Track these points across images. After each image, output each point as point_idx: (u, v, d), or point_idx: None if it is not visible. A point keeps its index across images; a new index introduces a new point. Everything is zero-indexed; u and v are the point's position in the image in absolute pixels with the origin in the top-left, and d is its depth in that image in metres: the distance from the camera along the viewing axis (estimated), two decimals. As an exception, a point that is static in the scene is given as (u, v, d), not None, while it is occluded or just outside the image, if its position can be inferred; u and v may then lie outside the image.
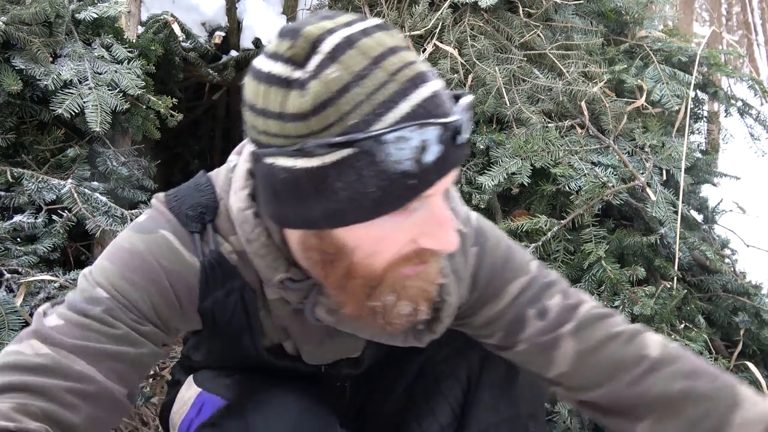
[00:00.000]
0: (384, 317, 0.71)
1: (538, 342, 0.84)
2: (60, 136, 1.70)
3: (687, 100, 1.90)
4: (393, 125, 0.59)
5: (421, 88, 0.62)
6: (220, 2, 2.36)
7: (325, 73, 0.60)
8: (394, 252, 0.67)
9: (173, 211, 0.79)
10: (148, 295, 0.74)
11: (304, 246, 0.71)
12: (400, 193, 0.61)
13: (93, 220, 1.56)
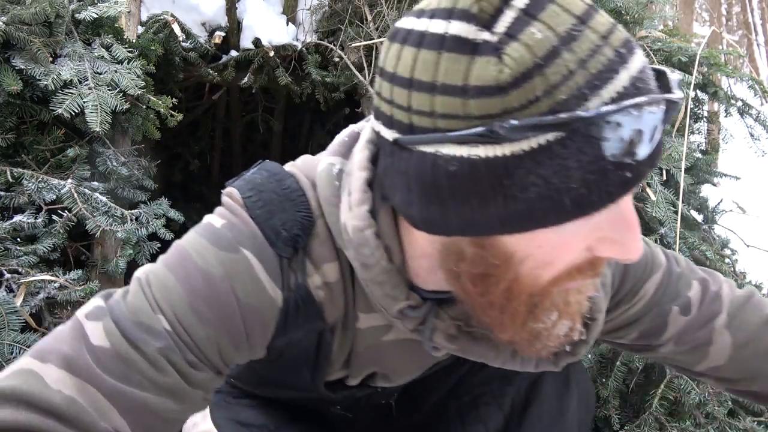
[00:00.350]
0: (539, 340, 0.59)
1: (690, 339, 0.77)
2: (60, 136, 1.70)
3: (687, 100, 1.90)
4: (612, 101, 0.46)
5: (634, 56, 0.48)
6: (220, 2, 2.36)
7: (528, 33, 0.46)
8: (568, 262, 0.53)
9: (259, 223, 0.63)
10: (216, 335, 0.61)
11: (451, 258, 0.57)
12: (610, 190, 0.47)
13: (93, 220, 1.56)
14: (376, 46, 2.15)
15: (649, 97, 0.46)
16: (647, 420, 1.46)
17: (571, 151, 0.46)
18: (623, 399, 1.58)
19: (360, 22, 2.25)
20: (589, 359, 1.58)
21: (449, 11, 0.48)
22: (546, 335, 0.58)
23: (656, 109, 0.47)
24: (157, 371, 0.57)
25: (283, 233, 0.63)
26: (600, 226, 0.51)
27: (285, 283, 0.63)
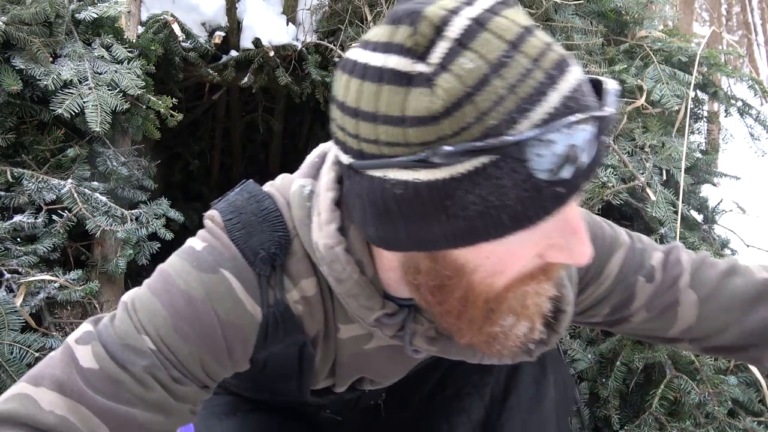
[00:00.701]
0: (497, 341, 0.63)
1: (659, 303, 0.81)
2: (60, 136, 1.70)
3: (687, 100, 1.90)
4: (543, 122, 0.48)
5: (567, 75, 0.51)
6: (220, 2, 2.36)
7: (459, 63, 0.48)
8: (518, 269, 0.57)
9: (238, 244, 0.67)
10: (198, 351, 0.64)
11: (410, 271, 0.61)
12: (545, 205, 0.50)
13: (93, 220, 1.56)
14: (376, 46, 2.16)
15: (577, 116, 0.48)
16: (647, 420, 1.46)
17: (505, 171, 0.49)
18: (623, 399, 1.58)
19: (360, 22, 2.25)
20: (589, 359, 1.58)
21: (388, 45, 0.51)
22: (504, 337, 0.62)
23: (588, 126, 0.49)
24: (144, 388, 0.61)
25: (261, 253, 0.66)
26: (548, 234, 0.54)
27: (264, 299, 0.67)
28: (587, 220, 0.81)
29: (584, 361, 1.58)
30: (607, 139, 0.53)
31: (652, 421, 1.45)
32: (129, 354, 0.62)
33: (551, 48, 0.52)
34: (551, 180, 0.49)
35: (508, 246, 0.54)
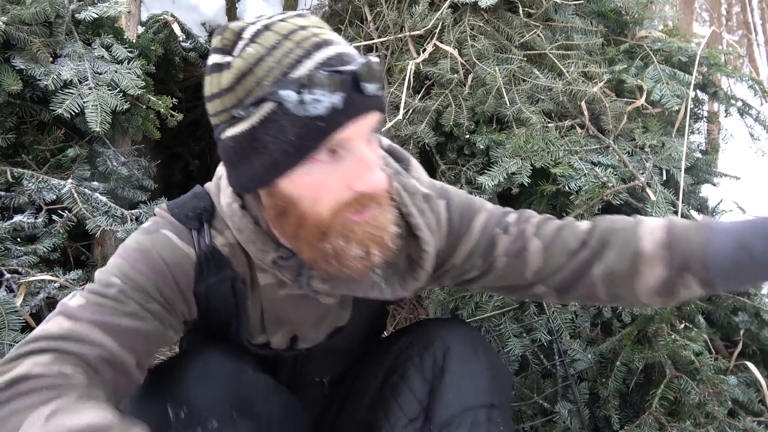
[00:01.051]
0: (337, 260, 0.81)
1: (511, 250, 0.99)
2: (60, 136, 1.70)
3: (687, 100, 1.90)
4: (300, 79, 0.73)
5: (325, 49, 0.76)
6: (220, 2, 2.36)
7: (246, 51, 0.76)
8: (334, 198, 0.78)
9: (174, 214, 0.92)
10: (153, 281, 0.85)
11: (260, 207, 0.85)
12: (314, 135, 0.74)
13: (93, 220, 1.56)
14: (376, 46, 2.16)
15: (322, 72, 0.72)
16: (647, 420, 1.46)
17: (280, 116, 0.74)
18: (623, 399, 1.58)
19: (360, 22, 2.25)
20: (589, 359, 1.58)
21: (213, 49, 0.80)
22: (337, 256, 0.80)
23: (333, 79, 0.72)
24: (120, 304, 0.82)
25: (190, 214, 0.92)
26: (347, 168, 0.77)
27: (196, 245, 0.90)
28: (462, 194, 1.05)
29: (584, 361, 1.58)
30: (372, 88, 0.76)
31: (652, 421, 1.45)
32: (103, 287, 0.84)
33: (316, 35, 0.77)
34: (311, 116, 0.73)
35: (316, 177, 0.77)
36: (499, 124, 1.87)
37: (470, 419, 0.98)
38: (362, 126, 0.77)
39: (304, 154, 0.75)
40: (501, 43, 1.97)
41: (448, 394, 1.01)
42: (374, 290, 0.93)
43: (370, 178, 0.77)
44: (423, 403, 1.02)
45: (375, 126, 0.80)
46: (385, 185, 0.80)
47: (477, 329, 1.66)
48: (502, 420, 1.01)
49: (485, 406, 1.00)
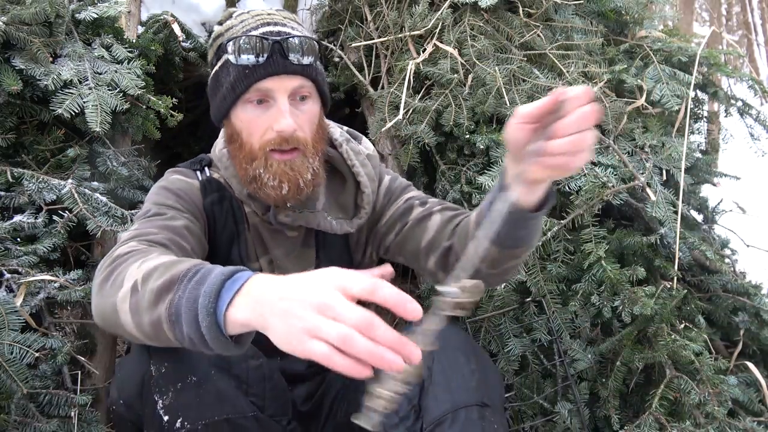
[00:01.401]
0: (256, 183, 1.10)
1: (418, 217, 1.21)
2: (60, 136, 1.70)
3: (687, 100, 1.90)
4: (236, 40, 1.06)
5: (270, 26, 1.10)
6: (220, 2, 2.36)
7: (226, 23, 1.14)
8: (260, 133, 1.08)
9: (181, 165, 1.25)
10: (175, 199, 1.13)
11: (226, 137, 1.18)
12: (242, 80, 1.07)
13: (94, 221, 1.56)
14: (376, 46, 2.15)
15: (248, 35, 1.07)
16: (647, 420, 1.46)
17: (226, 64, 1.09)
18: (623, 399, 1.58)
19: (360, 22, 2.25)
20: (589, 359, 1.58)
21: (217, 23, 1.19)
22: (259, 180, 1.10)
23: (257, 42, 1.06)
24: (161, 215, 1.08)
25: (192, 162, 1.25)
26: (271, 114, 1.08)
27: (198, 178, 1.21)
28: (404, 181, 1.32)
29: (584, 361, 1.58)
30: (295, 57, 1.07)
31: (652, 421, 1.45)
32: (144, 213, 1.09)
33: (272, 18, 1.13)
34: (242, 65, 1.06)
35: (249, 115, 1.09)
36: (499, 124, 1.87)
37: (463, 417, 1.00)
38: (283, 83, 1.07)
39: (237, 93, 1.08)
40: (501, 43, 1.97)
41: (440, 392, 1.03)
42: (326, 224, 1.19)
43: (282, 121, 1.05)
44: (413, 401, 1.04)
45: (298, 86, 1.08)
46: (291, 129, 1.05)
47: (465, 331, 1.67)
48: (496, 419, 1.03)
49: (478, 404, 1.02)
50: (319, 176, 1.14)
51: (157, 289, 0.80)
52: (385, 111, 1.95)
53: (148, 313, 0.80)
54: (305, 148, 1.10)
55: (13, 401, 1.27)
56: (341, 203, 1.25)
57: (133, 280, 0.84)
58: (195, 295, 0.76)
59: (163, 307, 0.78)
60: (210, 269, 0.79)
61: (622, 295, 1.55)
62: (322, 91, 1.16)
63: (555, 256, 1.66)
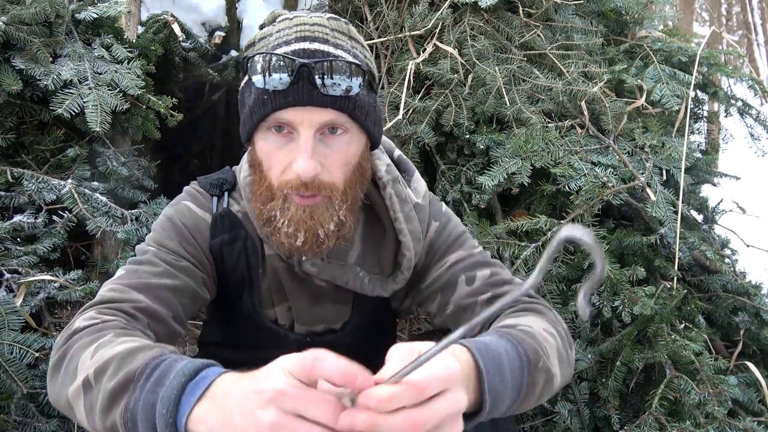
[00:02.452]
0: (269, 226, 0.94)
1: (461, 304, 1.02)
2: (60, 136, 1.70)
3: (687, 100, 1.90)
4: (258, 63, 0.87)
5: (306, 42, 0.90)
6: (220, 2, 2.36)
7: (264, 30, 0.96)
8: (279, 170, 0.91)
9: (201, 183, 1.09)
10: (177, 241, 1.00)
11: (249, 163, 1.00)
12: (260, 106, 0.89)
13: (94, 221, 1.56)
14: (376, 46, 2.15)
15: (274, 59, 0.86)
16: (647, 420, 1.46)
17: (248, 84, 0.92)
18: (623, 399, 1.58)
19: (360, 22, 2.25)
20: (589, 359, 1.58)
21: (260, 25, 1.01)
22: (272, 224, 0.93)
23: (280, 64, 0.86)
24: (153, 266, 0.96)
25: (213, 183, 1.08)
26: (292, 148, 0.89)
27: (214, 208, 1.05)
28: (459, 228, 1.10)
29: (584, 361, 1.58)
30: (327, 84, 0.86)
31: (652, 421, 1.45)
32: (140, 256, 0.99)
33: (310, 30, 0.91)
34: (260, 89, 0.88)
35: (270, 146, 0.91)
36: (499, 124, 1.87)
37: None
38: (308, 114, 0.87)
39: (255, 120, 0.91)
40: (501, 43, 1.97)
41: None
42: (356, 283, 1.03)
43: (299, 163, 0.87)
44: None
45: (329, 121, 0.88)
46: (310, 175, 0.87)
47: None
48: (508, 426, 1.00)
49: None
50: (346, 227, 0.95)
51: (111, 390, 0.71)
52: (385, 111, 1.95)
53: (102, 418, 0.72)
54: (331, 193, 0.91)
55: (13, 401, 1.28)
56: (379, 257, 1.07)
57: (84, 375, 0.75)
58: (152, 400, 0.67)
59: (118, 411, 0.70)
60: (169, 365, 0.69)
61: (622, 295, 1.55)
62: (364, 126, 0.94)
63: (555, 256, 1.66)
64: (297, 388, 0.57)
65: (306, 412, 0.57)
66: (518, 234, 1.69)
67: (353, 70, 0.87)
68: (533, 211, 1.77)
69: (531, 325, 0.90)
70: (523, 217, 1.68)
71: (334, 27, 0.93)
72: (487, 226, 1.72)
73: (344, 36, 0.94)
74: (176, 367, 0.68)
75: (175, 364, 0.69)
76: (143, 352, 0.74)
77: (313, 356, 0.58)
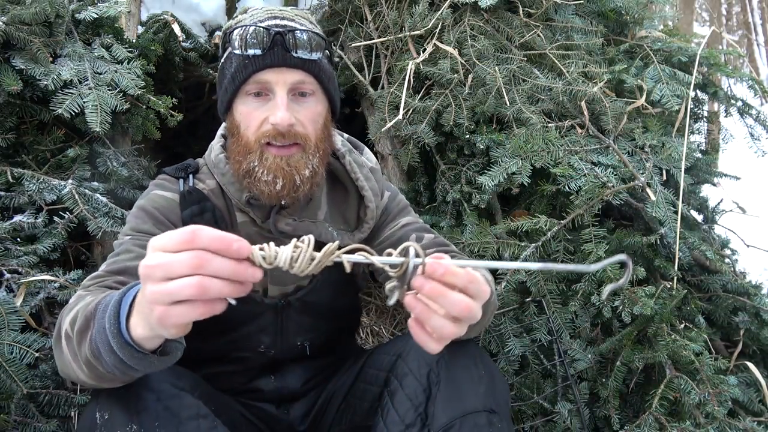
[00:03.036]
0: (250, 177, 1.08)
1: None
2: (60, 136, 1.70)
3: (687, 100, 1.90)
4: (238, 33, 1.07)
5: (276, 20, 1.10)
6: (220, 2, 2.36)
7: (238, 17, 1.15)
8: (256, 126, 1.07)
9: (167, 170, 1.21)
10: (152, 223, 1.11)
11: (227, 130, 1.17)
12: (242, 70, 1.06)
13: (94, 221, 1.56)
14: (376, 46, 2.15)
15: (251, 29, 1.06)
16: (647, 420, 1.46)
17: (229, 56, 1.10)
18: (623, 399, 1.58)
19: (360, 22, 2.25)
20: (589, 359, 1.58)
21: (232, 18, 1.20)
22: (253, 175, 1.07)
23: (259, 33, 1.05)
24: (129, 252, 1.05)
25: (178, 168, 1.20)
26: (268, 107, 1.07)
27: (179, 190, 1.17)
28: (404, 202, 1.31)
29: (584, 361, 1.58)
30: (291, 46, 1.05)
31: (652, 421, 1.45)
32: (117, 247, 1.08)
33: (281, 13, 1.13)
34: (243, 55, 1.06)
35: (248, 107, 1.08)
36: (499, 124, 1.87)
37: (471, 423, 0.99)
38: (283, 75, 1.06)
39: (237, 83, 1.07)
40: (501, 43, 1.97)
41: (448, 398, 1.02)
42: (328, 236, 1.17)
43: (278, 114, 1.04)
44: (420, 409, 1.04)
45: (298, 81, 1.07)
46: (286, 123, 1.04)
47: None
48: (503, 426, 1.02)
49: (486, 410, 1.01)
50: (318, 176, 1.11)
51: (78, 331, 0.84)
52: (385, 111, 1.95)
53: (80, 357, 0.84)
54: (305, 143, 1.08)
55: (13, 401, 1.28)
56: (343, 215, 1.24)
57: (64, 330, 0.88)
58: (102, 324, 0.79)
59: (86, 346, 0.82)
60: (112, 296, 0.81)
61: (622, 295, 1.55)
62: (327, 91, 1.13)
63: (555, 256, 1.66)
64: (160, 257, 0.66)
65: (173, 273, 0.65)
66: (518, 234, 1.69)
67: (317, 39, 1.08)
68: (533, 211, 1.77)
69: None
70: (523, 217, 1.68)
71: (296, 12, 1.15)
72: (487, 226, 1.72)
73: (305, 19, 1.15)
74: (115, 295, 0.81)
75: (115, 294, 0.81)
76: (102, 295, 0.85)
77: (192, 229, 0.66)
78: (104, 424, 0.90)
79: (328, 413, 1.25)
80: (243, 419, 1.20)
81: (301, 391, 1.26)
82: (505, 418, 1.04)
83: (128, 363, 0.78)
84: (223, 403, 1.14)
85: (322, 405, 1.26)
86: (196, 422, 0.94)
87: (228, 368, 1.23)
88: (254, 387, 1.24)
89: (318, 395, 1.27)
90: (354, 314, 1.44)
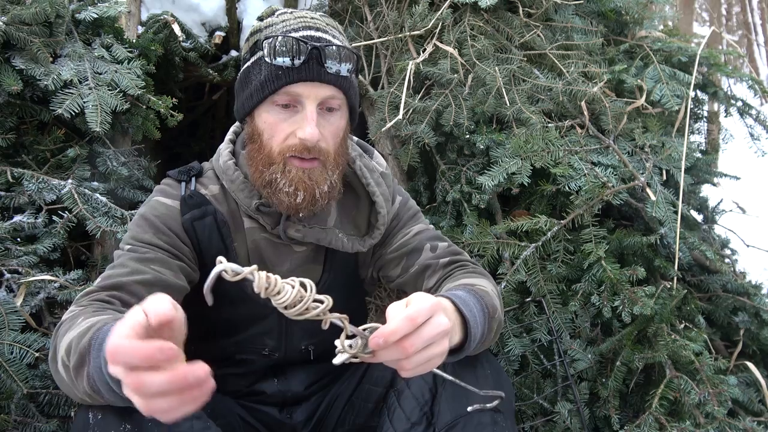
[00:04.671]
0: (270, 188, 1.07)
1: (424, 264, 1.20)
2: (60, 136, 1.70)
3: (687, 100, 1.90)
4: (273, 45, 1.03)
5: (310, 31, 1.06)
6: (220, 2, 2.36)
7: (266, 20, 1.11)
8: (282, 138, 1.05)
9: (170, 174, 1.20)
10: (152, 233, 1.10)
11: (246, 135, 1.14)
12: (273, 80, 1.04)
13: (94, 221, 1.56)
14: (376, 46, 2.15)
15: (281, 40, 1.03)
16: (647, 420, 1.46)
17: (258, 61, 1.07)
18: (623, 399, 1.58)
19: (360, 22, 2.25)
20: (589, 359, 1.58)
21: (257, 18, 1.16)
22: (274, 185, 1.06)
23: (294, 45, 1.02)
24: (122, 267, 1.03)
25: (181, 171, 1.20)
26: (296, 120, 1.05)
27: (180, 195, 1.15)
28: (415, 208, 1.30)
29: (584, 361, 1.58)
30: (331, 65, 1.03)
31: (652, 421, 1.45)
32: (116, 258, 1.07)
33: (313, 22, 1.09)
34: (275, 65, 1.03)
35: (274, 118, 1.06)
36: (499, 124, 1.87)
37: (475, 421, 0.99)
38: (315, 90, 1.04)
39: (265, 92, 1.05)
40: (501, 43, 1.97)
41: (453, 397, 1.03)
42: (338, 242, 1.16)
43: (307, 129, 1.02)
44: (425, 408, 1.05)
45: (329, 96, 1.05)
46: (314, 139, 1.03)
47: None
48: (507, 425, 1.02)
49: (490, 409, 1.02)
50: (335, 190, 1.11)
51: (74, 366, 0.84)
52: (385, 111, 1.95)
53: (79, 389, 0.85)
54: (326, 159, 1.07)
55: (13, 401, 1.28)
56: (354, 221, 1.22)
57: (60, 358, 0.88)
58: (98, 364, 0.79)
59: (85, 382, 0.83)
60: (106, 332, 0.80)
61: (622, 295, 1.55)
62: (351, 106, 1.13)
63: (555, 256, 1.66)
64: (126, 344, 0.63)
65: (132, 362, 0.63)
66: (518, 234, 1.69)
67: (350, 55, 1.06)
68: (533, 211, 1.77)
69: (483, 285, 1.09)
70: (523, 217, 1.68)
71: (327, 22, 1.12)
72: (487, 226, 1.72)
73: (335, 29, 1.12)
74: (107, 332, 0.80)
75: (107, 330, 0.81)
76: (94, 327, 0.84)
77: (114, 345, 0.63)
78: (97, 424, 0.90)
79: (331, 416, 1.25)
80: (242, 422, 1.20)
81: (305, 395, 1.26)
82: (509, 417, 1.05)
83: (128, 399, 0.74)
84: (220, 405, 1.13)
85: (325, 408, 1.26)
86: (189, 422, 0.93)
87: (231, 370, 1.23)
88: (257, 390, 1.24)
89: (321, 399, 1.27)
90: (360, 319, 1.44)
